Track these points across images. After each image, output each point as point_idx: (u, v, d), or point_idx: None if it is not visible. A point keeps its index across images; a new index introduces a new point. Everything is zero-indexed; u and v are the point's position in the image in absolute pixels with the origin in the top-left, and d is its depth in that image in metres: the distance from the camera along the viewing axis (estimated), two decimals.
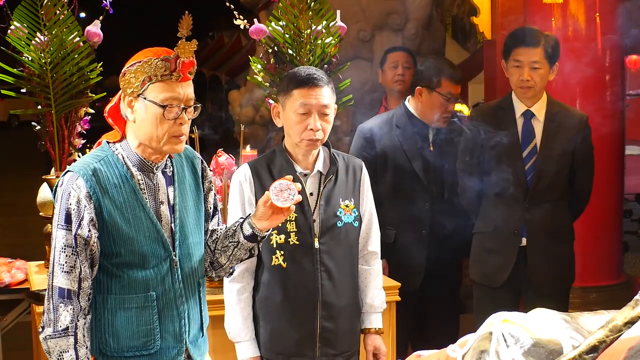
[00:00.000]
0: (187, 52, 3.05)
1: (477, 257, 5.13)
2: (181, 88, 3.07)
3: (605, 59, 6.70)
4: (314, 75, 3.77)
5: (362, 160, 4.10)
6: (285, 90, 3.81)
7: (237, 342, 3.96)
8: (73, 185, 3.04)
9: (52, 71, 4.69)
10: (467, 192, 5.20)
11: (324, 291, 3.87)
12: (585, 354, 1.73)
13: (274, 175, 3.85)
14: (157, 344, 3.18)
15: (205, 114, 32.43)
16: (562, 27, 6.62)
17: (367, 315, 4.09)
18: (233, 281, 3.92)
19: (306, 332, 3.89)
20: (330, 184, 3.89)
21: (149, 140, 3.10)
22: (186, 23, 3.07)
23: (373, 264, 4.10)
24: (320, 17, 4.93)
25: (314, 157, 3.91)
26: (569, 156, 4.92)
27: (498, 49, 7.41)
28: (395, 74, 6.31)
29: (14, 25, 4.65)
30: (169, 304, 3.20)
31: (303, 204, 3.83)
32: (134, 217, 3.12)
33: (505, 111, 4.97)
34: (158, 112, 3.05)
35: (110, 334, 3.15)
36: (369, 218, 4.05)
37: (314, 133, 3.74)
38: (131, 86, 3.07)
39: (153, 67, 3.03)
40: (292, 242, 3.85)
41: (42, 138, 4.78)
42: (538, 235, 4.90)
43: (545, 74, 4.86)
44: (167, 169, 3.25)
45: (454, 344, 2.01)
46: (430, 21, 8.48)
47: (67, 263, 3.03)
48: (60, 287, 3.04)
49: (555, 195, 4.92)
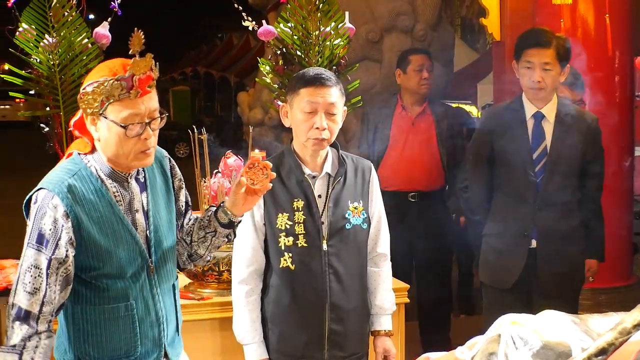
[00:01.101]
0: (142, 68, 2.95)
1: (486, 259, 5.12)
2: (142, 104, 3.00)
3: (614, 60, 6.68)
4: (321, 75, 3.77)
5: (370, 162, 4.10)
6: (293, 89, 3.81)
7: (245, 345, 3.95)
8: (49, 205, 2.98)
9: (60, 73, 4.70)
10: (477, 193, 5.19)
11: (332, 293, 3.86)
12: (594, 356, 1.72)
13: (283, 176, 3.86)
14: (137, 351, 3.18)
15: (214, 115, 32.64)
16: (571, 28, 6.61)
17: (376, 317, 4.09)
18: (241, 283, 3.92)
19: (314, 335, 3.88)
20: (339, 185, 3.89)
21: (115, 157, 3.07)
22: (137, 39, 2.98)
23: (382, 265, 4.09)
24: (329, 19, 4.93)
25: (322, 159, 3.90)
26: (579, 158, 4.90)
27: (507, 49, 7.41)
28: (421, 77, 6.43)
29: (23, 27, 4.65)
30: (148, 310, 3.20)
31: (311, 206, 3.84)
32: (112, 231, 3.08)
33: (516, 112, 4.95)
34: (120, 131, 2.99)
35: (91, 344, 3.13)
36: (378, 220, 4.04)
37: (319, 132, 3.74)
38: (91, 107, 3.00)
39: (109, 87, 2.95)
40: (301, 245, 3.84)
41: (51, 140, 4.78)
42: (548, 237, 4.89)
43: (556, 75, 4.84)
44: (139, 176, 3.21)
45: (462, 346, 2.00)
46: (439, 22, 8.47)
47: (30, 284, 2.96)
48: (19, 306, 2.97)
49: (565, 197, 4.90)
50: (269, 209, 3.86)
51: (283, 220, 3.84)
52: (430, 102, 6.61)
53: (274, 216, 3.85)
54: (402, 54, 6.73)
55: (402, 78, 6.53)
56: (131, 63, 2.95)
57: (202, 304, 4.30)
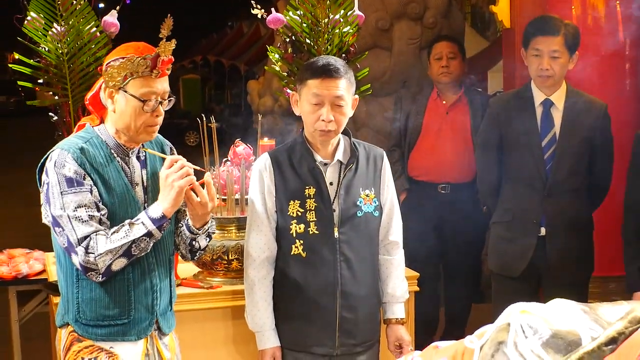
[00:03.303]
0: (167, 51, 3.29)
1: (495, 247, 5.12)
2: (159, 83, 3.33)
3: (625, 48, 6.64)
4: (329, 66, 3.76)
5: (382, 150, 4.10)
6: (302, 79, 3.83)
7: (257, 332, 3.97)
8: (65, 159, 3.25)
9: (69, 62, 4.69)
10: (486, 181, 5.18)
11: (343, 281, 3.87)
12: (604, 345, 1.72)
13: (294, 163, 3.88)
14: (131, 314, 3.39)
15: (224, 103, 32.61)
16: (582, 15, 6.57)
17: (389, 305, 4.11)
18: (254, 270, 3.93)
19: (326, 322, 3.90)
20: (350, 173, 3.90)
21: (126, 129, 3.35)
22: (167, 25, 3.29)
23: (394, 253, 4.10)
24: (338, 6, 4.91)
25: (333, 147, 3.91)
26: (588, 145, 4.89)
27: (517, 37, 7.36)
28: (439, 66, 6.34)
29: (31, 15, 4.64)
30: (143, 276, 3.43)
31: (323, 194, 3.85)
32: (119, 193, 3.34)
33: (525, 100, 4.94)
34: (137, 105, 3.29)
35: (87, 303, 3.36)
36: (390, 207, 4.04)
37: (325, 124, 3.75)
38: (113, 80, 3.29)
39: (135, 64, 3.26)
40: (312, 232, 3.85)
41: (60, 129, 4.78)
42: (557, 225, 4.88)
43: (565, 63, 4.82)
44: (140, 154, 3.48)
45: (471, 335, 1.99)
46: (449, 10, 8.42)
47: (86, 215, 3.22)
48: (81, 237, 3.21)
49: (574, 185, 4.90)
50: (281, 196, 3.88)
51: (295, 207, 3.86)
52: (467, 91, 6.48)
53: (286, 203, 3.87)
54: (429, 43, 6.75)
55: (429, 69, 6.51)
56: (160, 45, 3.27)
57: (213, 292, 4.30)
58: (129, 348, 3.41)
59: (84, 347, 3.37)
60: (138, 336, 3.42)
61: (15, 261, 5.39)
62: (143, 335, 3.44)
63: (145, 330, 3.45)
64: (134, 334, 3.41)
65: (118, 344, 3.39)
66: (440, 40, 6.57)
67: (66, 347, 3.40)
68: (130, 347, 3.41)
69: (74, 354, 3.37)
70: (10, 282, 5.26)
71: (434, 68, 6.40)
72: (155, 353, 3.50)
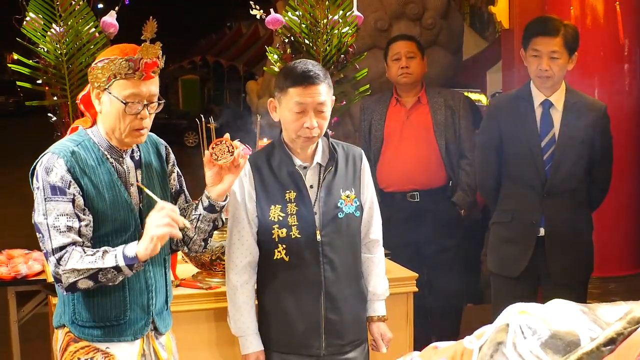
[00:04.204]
0: (150, 53, 3.25)
1: (494, 248, 5.12)
2: (144, 86, 3.28)
3: (624, 48, 6.65)
4: (309, 72, 3.73)
5: (361, 149, 4.10)
6: (281, 87, 3.78)
7: (240, 337, 3.98)
8: (54, 164, 3.24)
9: (67, 62, 4.70)
10: (485, 182, 5.19)
11: (327, 283, 3.88)
12: (603, 346, 1.72)
13: (274, 168, 3.88)
14: (127, 316, 3.40)
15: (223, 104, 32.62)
16: (581, 15, 6.58)
17: (370, 303, 4.12)
18: (235, 275, 3.93)
19: (311, 324, 3.91)
20: (330, 175, 3.90)
21: (112, 130, 3.34)
22: (150, 27, 3.31)
23: (375, 251, 4.12)
24: (337, 7, 4.92)
25: (312, 150, 3.91)
26: (588, 146, 4.89)
27: (516, 38, 7.38)
28: (398, 66, 5.94)
29: (30, 16, 4.65)
30: (138, 276, 3.42)
31: (303, 197, 3.85)
32: (109, 196, 3.33)
33: (524, 101, 4.94)
34: (120, 107, 3.27)
35: (83, 306, 3.37)
36: (370, 206, 4.06)
37: (310, 131, 3.75)
38: (98, 81, 3.29)
39: (117, 65, 3.24)
40: (294, 236, 3.85)
41: (59, 129, 4.78)
42: (556, 226, 4.88)
43: (564, 63, 4.82)
44: (134, 154, 3.48)
45: (470, 336, 1.99)
46: (448, 10, 8.43)
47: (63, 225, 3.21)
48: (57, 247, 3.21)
49: (573, 185, 4.90)
50: (261, 201, 3.87)
51: (276, 212, 3.85)
52: (426, 91, 6.08)
53: (267, 208, 3.86)
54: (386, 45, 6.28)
55: (387, 71, 6.11)
56: (141, 47, 3.25)
57: (211, 293, 4.30)
58: (125, 348, 3.42)
59: (80, 347, 3.38)
60: (134, 336, 3.44)
61: (14, 262, 5.39)
62: (139, 335, 3.45)
63: (142, 330, 3.46)
64: (130, 334, 3.42)
65: (114, 345, 3.40)
66: (397, 40, 6.14)
67: (62, 347, 3.41)
68: (126, 347, 3.42)
69: (70, 354, 3.38)
70: (9, 282, 5.26)
71: (392, 70, 5.99)
72: (151, 353, 3.52)
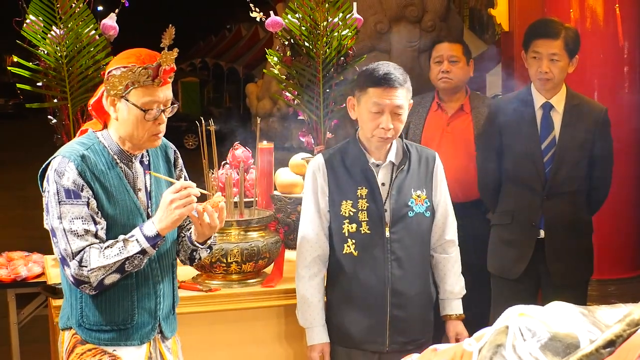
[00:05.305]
0: (169, 60, 3.27)
1: (494, 249, 5.11)
2: (161, 92, 3.30)
3: (624, 51, 6.65)
4: (390, 75, 3.88)
5: (435, 152, 4.20)
6: (362, 86, 3.94)
7: (307, 328, 4.08)
8: (65, 168, 3.24)
9: (68, 64, 4.69)
10: (485, 184, 5.18)
11: (393, 280, 3.98)
12: (602, 348, 1.72)
13: (347, 164, 4.02)
14: (134, 320, 3.40)
15: (222, 106, 32.61)
16: (581, 18, 6.58)
17: (447, 301, 4.21)
18: (305, 268, 4.05)
19: (376, 320, 4.01)
20: (402, 174, 4.02)
21: (129, 137, 3.34)
22: (169, 34, 3.29)
23: (451, 252, 4.21)
24: (337, 9, 4.91)
25: (386, 149, 4.03)
26: (588, 148, 4.89)
27: (516, 40, 7.38)
28: (439, 70, 5.59)
29: (30, 18, 4.64)
30: (146, 281, 3.43)
31: (375, 194, 3.97)
32: (119, 200, 3.33)
33: (524, 103, 4.94)
34: (139, 114, 3.27)
35: (91, 309, 3.37)
36: (444, 207, 4.16)
37: (385, 132, 3.89)
38: (115, 89, 3.27)
39: (136, 74, 3.23)
40: (364, 232, 3.97)
41: (59, 131, 4.78)
42: (556, 228, 4.88)
43: (564, 66, 4.82)
44: (143, 159, 3.49)
45: (470, 338, 1.99)
46: (448, 13, 8.45)
47: (80, 228, 3.22)
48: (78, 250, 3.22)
49: (573, 188, 4.89)
50: (334, 196, 4.01)
51: (347, 207, 3.98)
52: (471, 98, 5.68)
53: (338, 203, 3.99)
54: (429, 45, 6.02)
55: (430, 71, 5.76)
56: (161, 55, 3.25)
57: (211, 295, 4.30)
58: (132, 352, 3.42)
59: (87, 349, 3.38)
60: (141, 341, 3.44)
61: (14, 264, 5.39)
62: (146, 339, 3.45)
63: (148, 335, 3.46)
64: (137, 338, 3.42)
65: (121, 348, 3.40)
66: (442, 42, 5.81)
67: (69, 349, 3.41)
68: (133, 351, 3.43)
69: (77, 356, 3.38)
70: (9, 284, 5.26)
71: (433, 72, 5.66)
72: (157, 356, 3.52)
